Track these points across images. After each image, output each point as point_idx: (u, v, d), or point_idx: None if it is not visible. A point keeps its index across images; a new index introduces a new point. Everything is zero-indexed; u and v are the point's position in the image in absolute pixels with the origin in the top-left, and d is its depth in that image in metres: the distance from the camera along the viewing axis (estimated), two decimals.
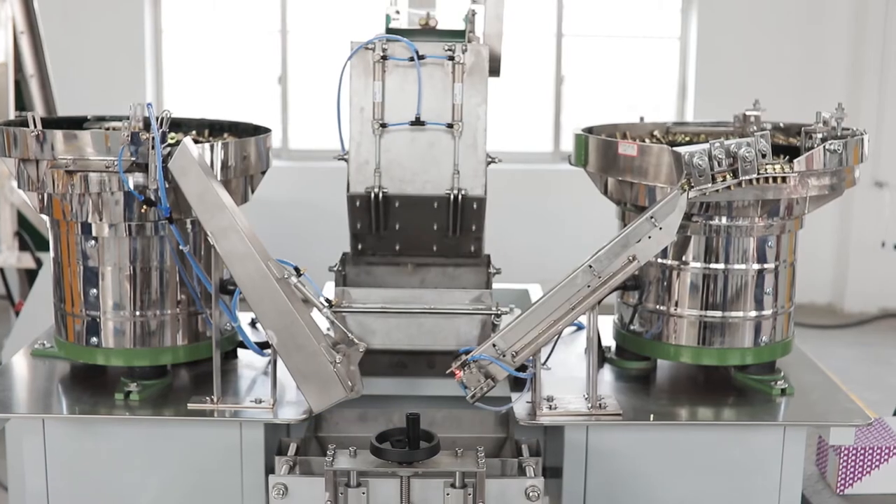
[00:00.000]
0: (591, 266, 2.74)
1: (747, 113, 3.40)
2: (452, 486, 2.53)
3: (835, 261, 9.59)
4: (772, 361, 3.07)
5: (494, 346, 2.74)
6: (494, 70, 3.13)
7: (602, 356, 3.16)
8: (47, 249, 3.11)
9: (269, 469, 2.84)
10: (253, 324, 3.43)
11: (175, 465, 2.96)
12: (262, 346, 3.00)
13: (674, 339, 3.02)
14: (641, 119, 3.54)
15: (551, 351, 3.01)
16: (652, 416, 2.88)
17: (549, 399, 2.85)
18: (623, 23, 9.83)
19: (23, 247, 5.56)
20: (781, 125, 3.43)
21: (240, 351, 3.20)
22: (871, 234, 9.29)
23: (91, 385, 3.01)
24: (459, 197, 3.04)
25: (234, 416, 2.82)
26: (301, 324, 2.71)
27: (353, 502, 2.54)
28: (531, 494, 2.61)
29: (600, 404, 2.83)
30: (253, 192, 3.12)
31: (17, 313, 5.25)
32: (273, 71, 9.72)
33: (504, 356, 2.74)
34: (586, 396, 2.87)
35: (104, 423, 2.89)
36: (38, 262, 5.48)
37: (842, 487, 3.35)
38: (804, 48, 9.43)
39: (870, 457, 3.35)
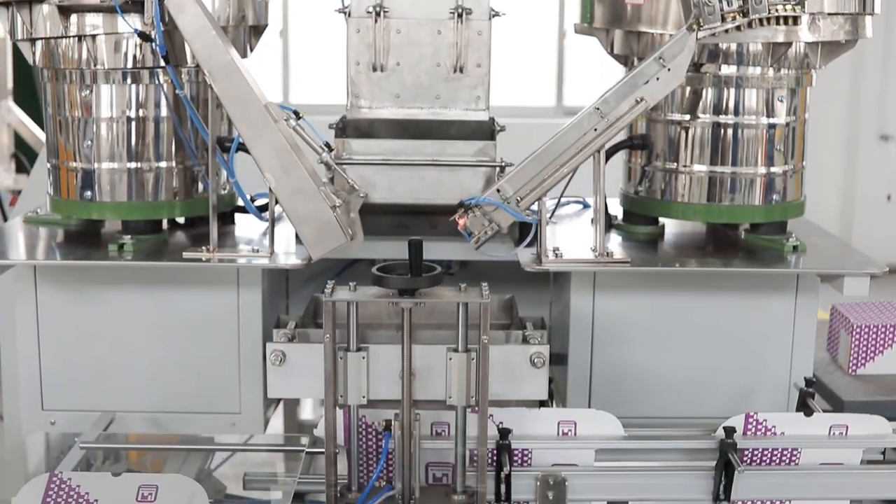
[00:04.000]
0: (597, 108, 2.67)
1: None
2: (455, 350, 2.43)
3: (840, 215, 9.50)
4: (783, 223, 3.00)
5: (499, 191, 2.67)
6: None
7: (609, 223, 3.08)
8: None
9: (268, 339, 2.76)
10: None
11: (168, 321, 2.89)
12: (261, 210, 2.94)
13: (683, 197, 2.95)
14: None
15: (557, 204, 2.93)
16: (660, 264, 2.81)
17: (555, 249, 2.78)
18: None
19: (19, 169, 5.49)
20: None
21: (237, 216, 3.13)
22: (876, 188, 9.21)
23: (85, 244, 2.94)
24: (464, 15, 2.92)
25: (230, 263, 2.75)
26: (300, 166, 2.64)
27: (352, 367, 2.43)
28: (536, 361, 2.52)
29: (607, 253, 2.76)
30: (252, 49, 3.05)
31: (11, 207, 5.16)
32: (274, 24, 9.64)
33: (509, 202, 2.66)
34: (593, 248, 2.79)
35: (96, 273, 2.83)
36: None
37: (854, 368, 3.28)
38: None
39: (882, 336, 3.29)
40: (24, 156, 5.49)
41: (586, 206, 3.36)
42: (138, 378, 2.95)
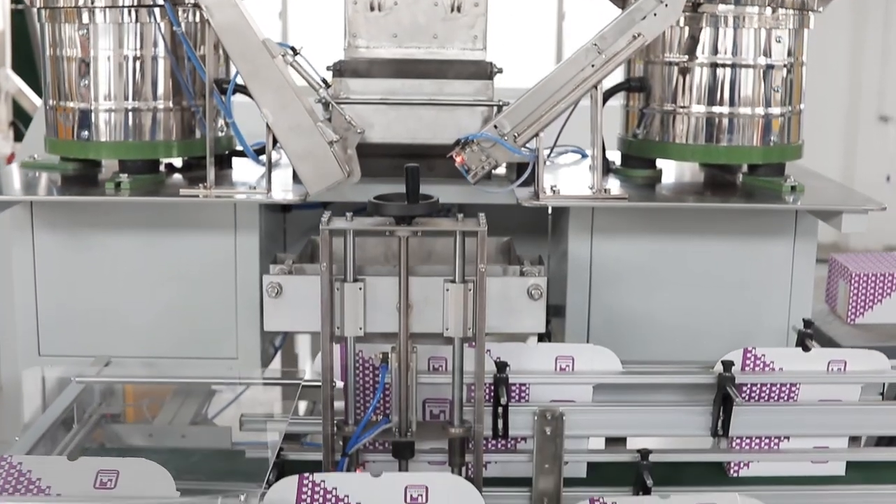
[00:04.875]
0: (595, 44, 2.66)
1: None
2: (452, 281, 2.41)
3: None
4: (781, 166, 2.99)
5: (496, 126, 2.66)
6: None
7: (607, 167, 3.07)
8: None
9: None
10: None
11: (166, 265, 2.89)
12: (258, 153, 2.93)
13: (682, 138, 2.94)
14: None
15: (555, 143, 2.92)
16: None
17: (553, 187, 2.77)
18: None
19: (18, 137, 5.47)
20: None
21: (235, 161, 3.12)
22: (875, 169, 9.20)
23: (82, 185, 2.94)
24: None
25: (227, 198, 2.74)
26: (297, 101, 2.63)
27: (349, 298, 2.42)
28: (533, 293, 2.52)
29: (605, 190, 2.75)
30: None
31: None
32: (274, 6, 9.64)
33: (506, 137, 2.66)
34: (591, 186, 2.79)
35: (94, 215, 2.82)
36: None
37: (852, 317, 3.25)
38: None
39: (880, 285, 3.27)
40: (22, 124, 5.48)
41: (584, 155, 3.36)
42: (135, 323, 2.95)
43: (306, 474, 2.15)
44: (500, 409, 2.50)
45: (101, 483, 2.05)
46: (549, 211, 3.34)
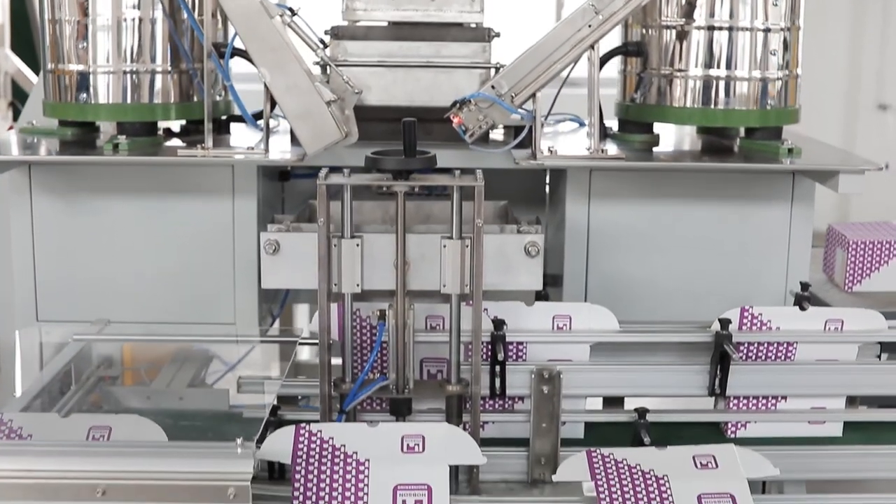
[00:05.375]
0: (592, 4, 2.67)
1: None
2: (449, 238, 2.41)
3: None
4: (778, 130, 2.99)
5: (493, 87, 2.67)
6: None
7: (604, 133, 3.08)
8: None
9: None
10: None
11: (164, 230, 2.90)
12: (256, 117, 2.93)
13: (679, 101, 2.94)
14: None
15: (552, 105, 2.93)
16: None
17: (550, 147, 2.78)
18: None
19: (16, 118, 5.46)
20: None
21: (233, 126, 3.13)
22: (874, 157, 9.17)
23: (80, 148, 2.94)
24: None
25: (225, 158, 2.75)
26: (295, 61, 2.63)
27: (346, 254, 2.41)
28: (531, 250, 2.52)
29: (602, 150, 2.75)
30: None
31: None
32: None
33: (504, 98, 2.66)
34: (588, 147, 2.79)
35: (92, 179, 2.83)
36: None
37: (850, 284, 3.27)
38: None
39: (878, 252, 3.28)
40: (20, 104, 5.47)
41: (582, 124, 3.36)
42: (133, 288, 2.95)
43: (303, 424, 2.15)
44: (497, 368, 2.51)
45: (94, 439, 2.06)
46: (547, 180, 3.35)
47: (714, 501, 2.06)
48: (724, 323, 2.53)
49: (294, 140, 2.75)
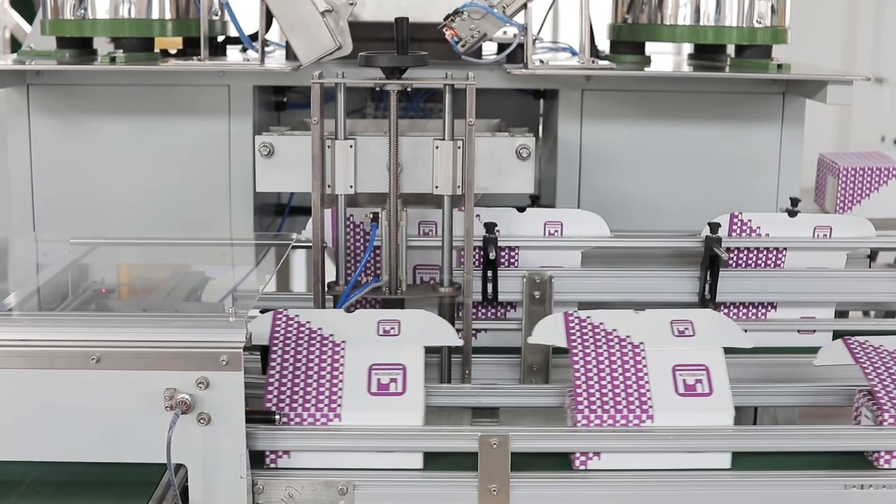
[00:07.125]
0: None
1: None
2: (441, 139, 2.40)
3: None
4: (768, 49, 3.02)
5: None
6: None
7: (596, 54, 3.10)
8: None
9: None
10: None
11: (160, 150, 2.92)
12: (253, 39, 2.96)
13: (670, 19, 2.97)
14: None
15: (543, 21, 2.96)
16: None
17: (541, 60, 2.80)
18: None
19: None
20: None
21: (229, 49, 3.15)
22: (870, 130, 9.22)
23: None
24: None
25: (221, 65, 2.77)
26: None
27: (339, 154, 2.41)
28: (522, 153, 2.52)
29: (594, 60, 2.78)
30: None
31: None
32: None
33: (495, 8, 2.68)
34: (580, 59, 2.82)
35: (88, 98, 2.86)
36: None
37: (840, 210, 3.28)
38: None
39: (868, 178, 3.29)
40: None
41: (574, 52, 3.38)
42: (130, 207, 2.98)
43: (280, 310, 2.17)
44: (489, 273, 2.53)
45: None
46: (541, 111, 3.38)
47: (689, 373, 2.07)
48: (714, 227, 2.55)
49: (289, 54, 2.77)
